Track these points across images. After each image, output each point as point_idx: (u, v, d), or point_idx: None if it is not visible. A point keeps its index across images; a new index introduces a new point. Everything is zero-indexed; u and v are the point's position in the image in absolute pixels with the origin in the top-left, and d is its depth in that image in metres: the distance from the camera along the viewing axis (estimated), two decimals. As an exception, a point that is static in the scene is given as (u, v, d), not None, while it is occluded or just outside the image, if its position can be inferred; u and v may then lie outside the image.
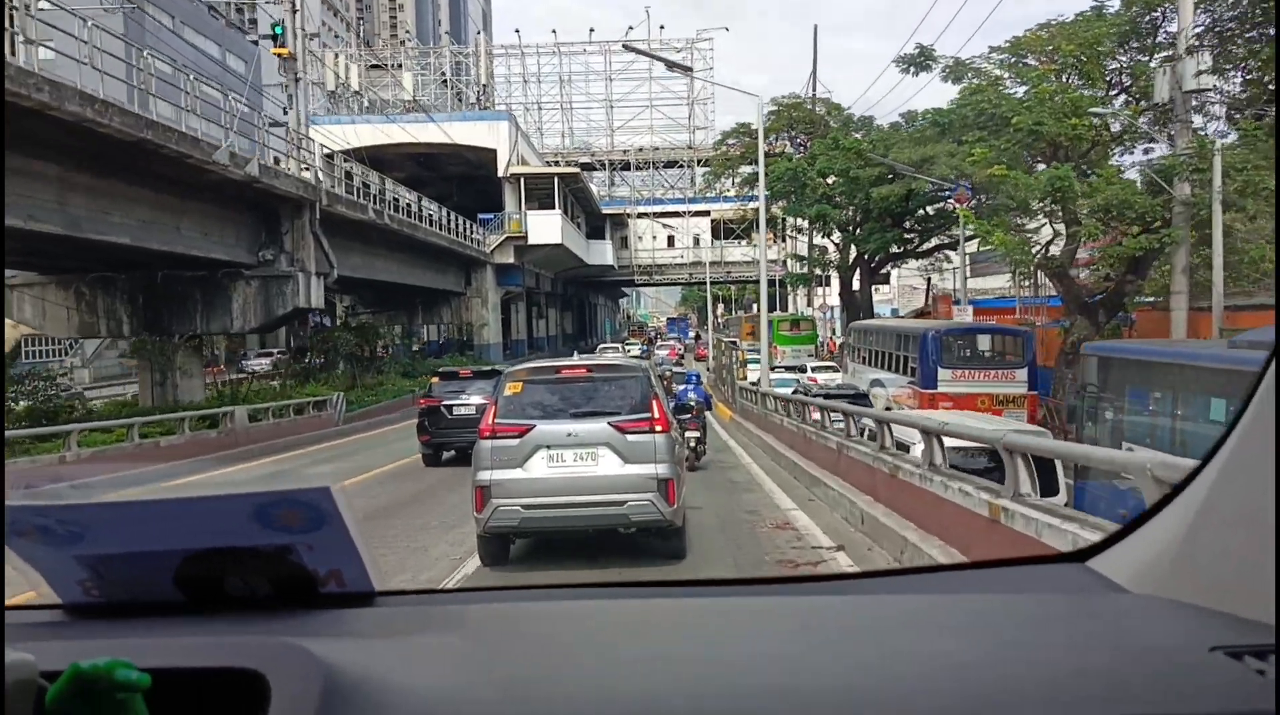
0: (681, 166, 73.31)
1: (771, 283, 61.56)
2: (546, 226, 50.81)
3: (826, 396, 22.07)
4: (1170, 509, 1.29)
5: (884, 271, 48.77)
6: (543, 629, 1.23)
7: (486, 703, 0.96)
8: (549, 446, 7.79)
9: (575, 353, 47.78)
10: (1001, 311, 33.62)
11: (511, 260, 50.79)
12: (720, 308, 78.71)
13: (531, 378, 8.30)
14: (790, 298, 60.49)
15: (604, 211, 67.87)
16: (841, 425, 12.03)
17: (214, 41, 63.97)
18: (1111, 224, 22.66)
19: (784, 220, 47.57)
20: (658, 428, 7.84)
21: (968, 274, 31.43)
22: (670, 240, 72.15)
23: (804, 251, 47.89)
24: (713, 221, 68.95)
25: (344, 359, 35.86)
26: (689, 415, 14.96)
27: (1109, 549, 1.38)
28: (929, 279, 48.89)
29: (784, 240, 53.70)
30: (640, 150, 73.41)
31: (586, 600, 1.43)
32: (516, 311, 58.88)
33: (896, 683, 0.99)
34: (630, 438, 7.78)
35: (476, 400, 15.54)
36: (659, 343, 71.50)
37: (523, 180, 51.66)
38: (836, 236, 43.78)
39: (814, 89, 47.20)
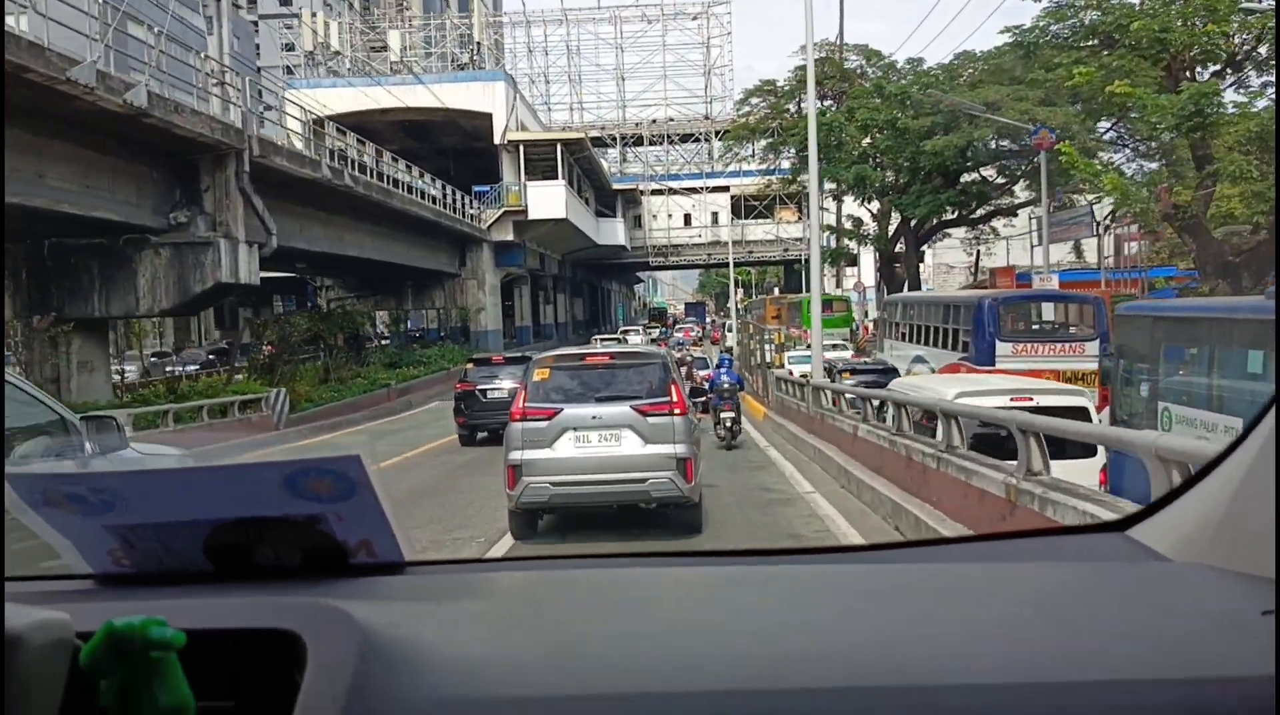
0: (698, 140, 67.70)
1: (797, 261, 56.66)
2: (549, 199, 45.57)
3: (853, 372, 19.03)
4: (1213, 477, 1.24)
5: (922, 247, 43.94)
6: (574, 596, 1.22)
7: (523, 668, 0.95)
8: (575, 428, 8.36)
9: (596, 339, 43.36)
10: (1084, 284, 28.36)
11: (511, 237, 45.64)
12: (740, 292, 73.36)
13: (558, 364, 8.95)
14: (820, 277, 55.28)
15: (615, 187, 62.62)
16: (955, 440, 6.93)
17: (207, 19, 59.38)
18: (1267, 158, 17.40)
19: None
20: (676, 411, 8.42)
21: (1047, 237, 26.13)
22: (687, 218, 67.09)
23: (836, 223, 42.64)
24: (732, 198, 63.61)
25: (322, 349, 31.80)
26: (702, 399, 14.03)
27: (1149, 518, 1.34)
28: (977, 252, 43.99)
29: (809, 215, 48.59)
30: (654, 123, 67.89)
31: (616, 569, 1.41)
32: (520, 295, 53.92)
33: (939, 646, 0.97)
34: (651, 420, 8.35)
35: (508, 385, 15.74)
36: (677, 326, 69.51)
37: (522, 148, 46.42)
38: (874, 205, 38.68)
39: (841, 38, 41.66)
